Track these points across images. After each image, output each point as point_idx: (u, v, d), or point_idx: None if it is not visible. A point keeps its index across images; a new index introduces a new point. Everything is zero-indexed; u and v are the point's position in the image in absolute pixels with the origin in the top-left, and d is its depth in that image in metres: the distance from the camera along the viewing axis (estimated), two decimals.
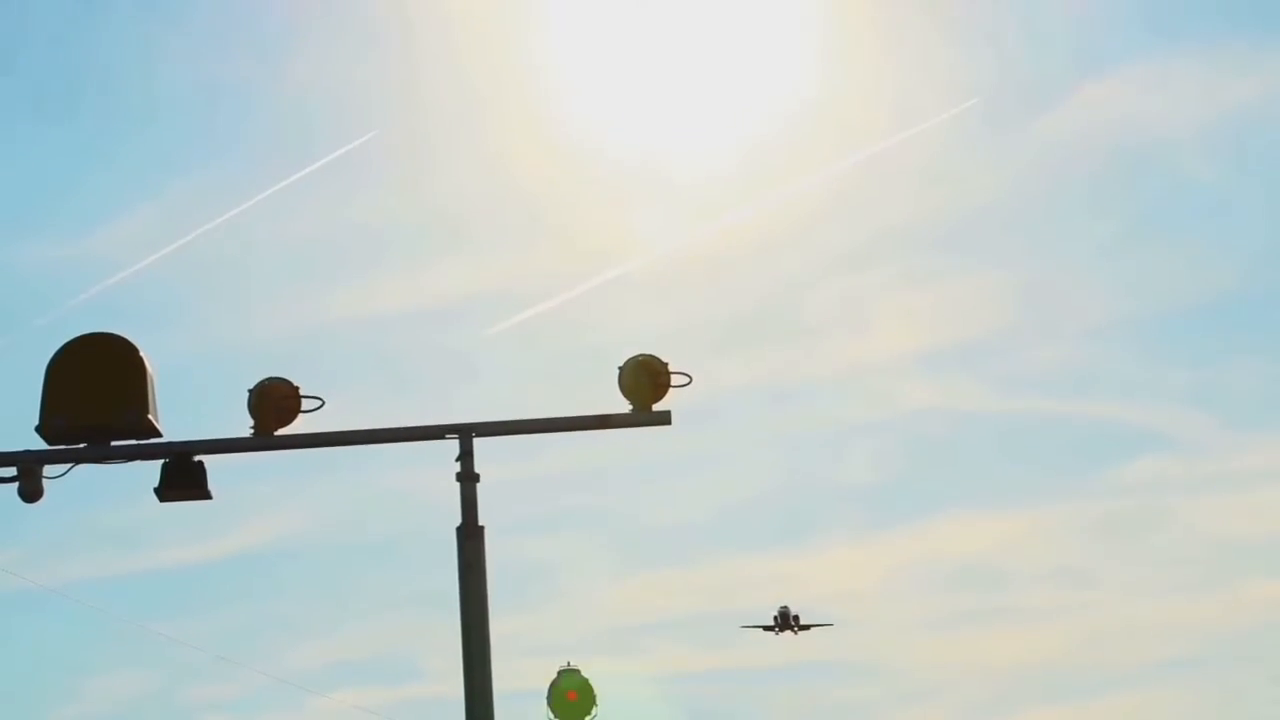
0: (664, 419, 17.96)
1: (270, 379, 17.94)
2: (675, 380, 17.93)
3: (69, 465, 17.89)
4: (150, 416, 17.81)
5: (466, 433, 17.91)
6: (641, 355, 17.96)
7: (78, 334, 18.03)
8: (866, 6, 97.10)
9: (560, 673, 26.80)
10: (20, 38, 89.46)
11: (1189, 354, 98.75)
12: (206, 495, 17.99)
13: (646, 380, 17.86)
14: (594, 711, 26.42)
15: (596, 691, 26.55)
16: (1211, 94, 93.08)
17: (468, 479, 17.82)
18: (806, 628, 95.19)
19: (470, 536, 17.67)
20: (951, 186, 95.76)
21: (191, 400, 21.01)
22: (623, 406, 17.98)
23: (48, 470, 17.84)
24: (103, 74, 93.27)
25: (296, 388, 17.91)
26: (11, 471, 17.75)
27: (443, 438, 17.98)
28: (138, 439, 17.92)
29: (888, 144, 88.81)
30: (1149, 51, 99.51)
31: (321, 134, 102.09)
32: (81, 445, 17.89)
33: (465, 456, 17.86)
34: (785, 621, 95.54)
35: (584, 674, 26.73)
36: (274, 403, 17.84)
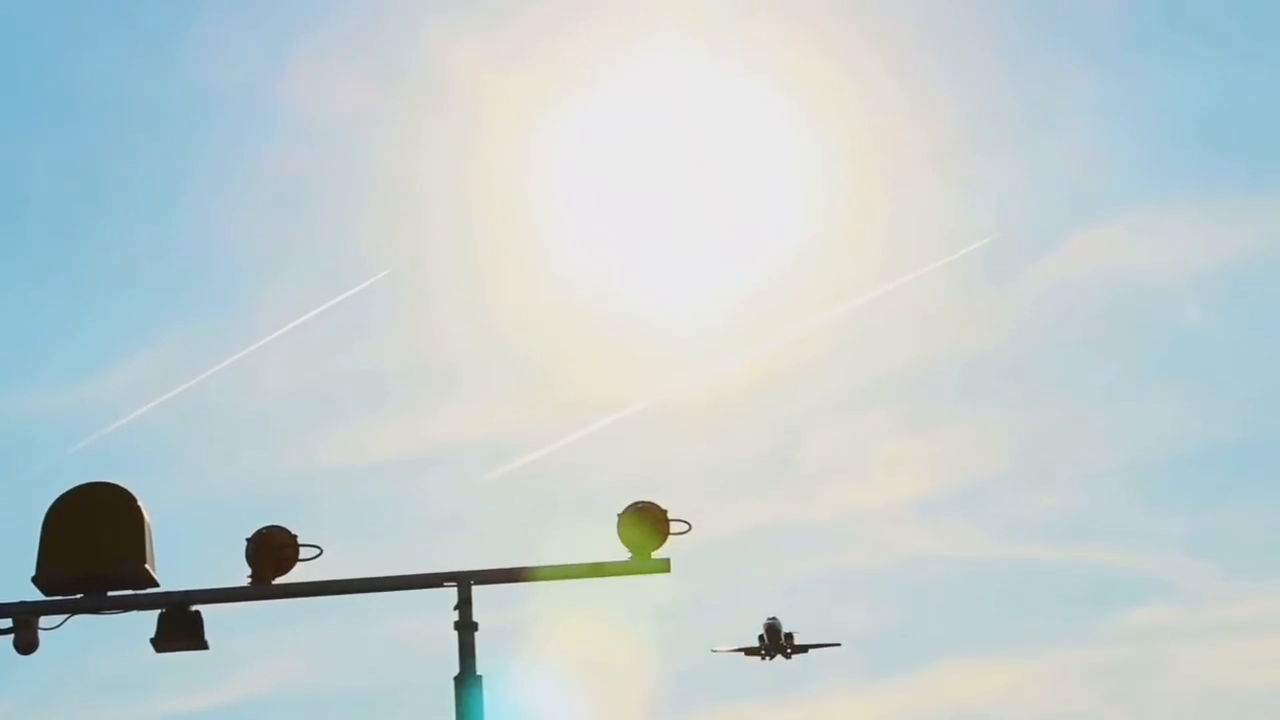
0: (664, 567, 17.88)
1: (268, 527, 17.87)
2: (675, 527, 17.86)
3: (65, 616, 17.77)
4: (147, 566, 17.72)
5: (465, 580, 17.82)
6: (641, 502, 17.90)
7: (75, 483, 17.98)
8: (865, 154, 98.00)
9: None
10: (21, 187, 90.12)
11: (1188, 501, 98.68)
12: (203, 645, 17.86)
13: (646, 528, 17.79)
14: None
15: None
16: (1206, 240, 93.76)
17: (466, 627, 17.72)
18: (803, 649, 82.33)
19: (468, 685, 17.53)
20: (950, 332, 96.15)
21: (189, 548, 20.92)
22: (622, 554, 17.91)
23: (43, 621, 17.71)
24: (100, 223, 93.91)
25: (294, 536, 17.84)
26: (7, 623, 17.63)
27: (441, 585, 17.90)
28: (135, 589, 17.82)
29: (886, 289, 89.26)
30: (1143, 199, 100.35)
31: (318, 283, 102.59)
32: (78, 596, 17.78)
33: (463, 604, 17.77)
34: (775, 641, 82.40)
35: None
36: (272, 551, 17.77)
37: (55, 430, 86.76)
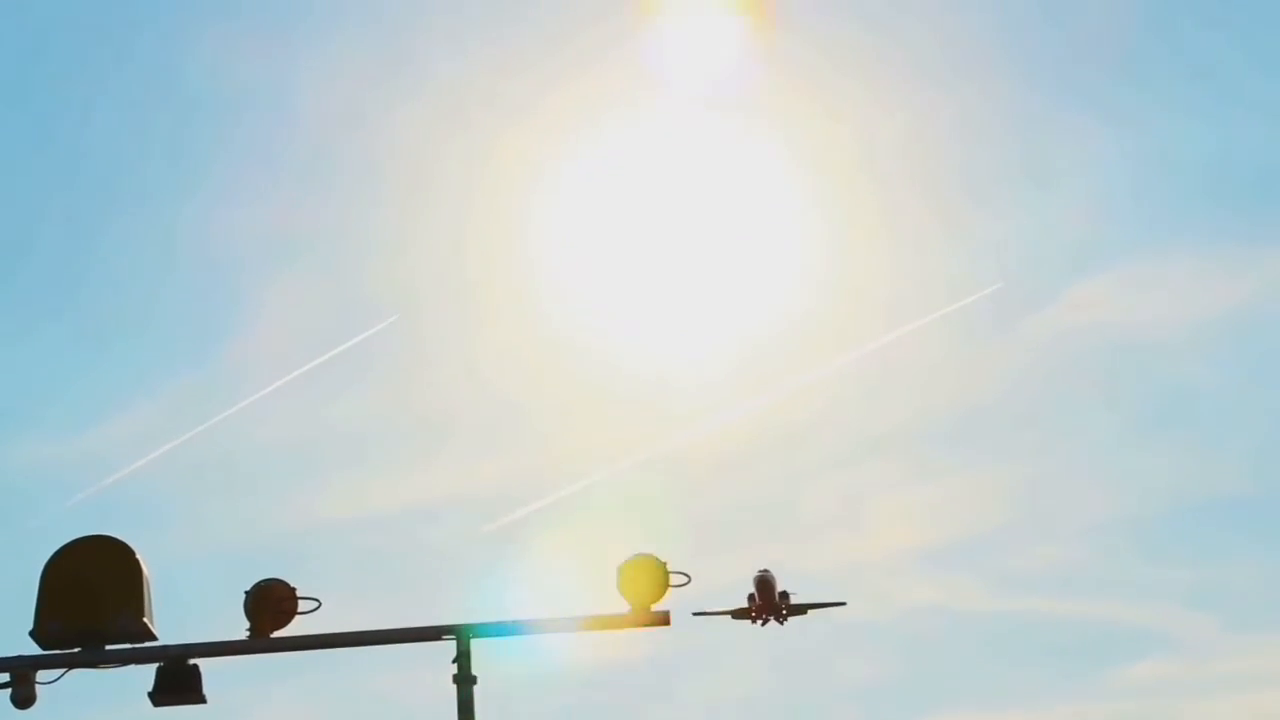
0: (663, 619, 17.83)
1: (267, 580, 17.85)
2: (675, 580, 17.83)
3: (62, 670, 17.72)
4: (146, 619, 17.68)
5: (463, 634, 17.78)
6: (640, 555, 17.87)
7: (73, 536, 17.95)
8: (865, 203, 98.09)
9: None
10: (21, 235, 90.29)
11: (1189, 554, 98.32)
12: (201, 700, 17.81)
13: (646, 580, 17.76)
14: None
15: None
16: (1208, 292, 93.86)
17: (464, 681, 17.67)
18: (801, 609, 72.54)
19: None
20: (950, 384, 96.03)
21: (187, 601, 20.88)
22: (622, 606, 17.86)
23: (41, 675, 17.66)
24: (100, 271, 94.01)
25: (294, 589, 17.81)
26: (4, 677, 17.58)
27: (439, 639, 17.85)
28: (133, 642, 17.77)
29: (885, 341, 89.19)
30: (1145, 250, 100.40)
31: (312, 335, 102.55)
32: (76, 649, 17.73)
33: (462, 657, 17.72)
34: (768, 599, 71.85)
35: None
36: (271, 604, 17.73)
37: (53, 482, 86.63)
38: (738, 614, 72.35)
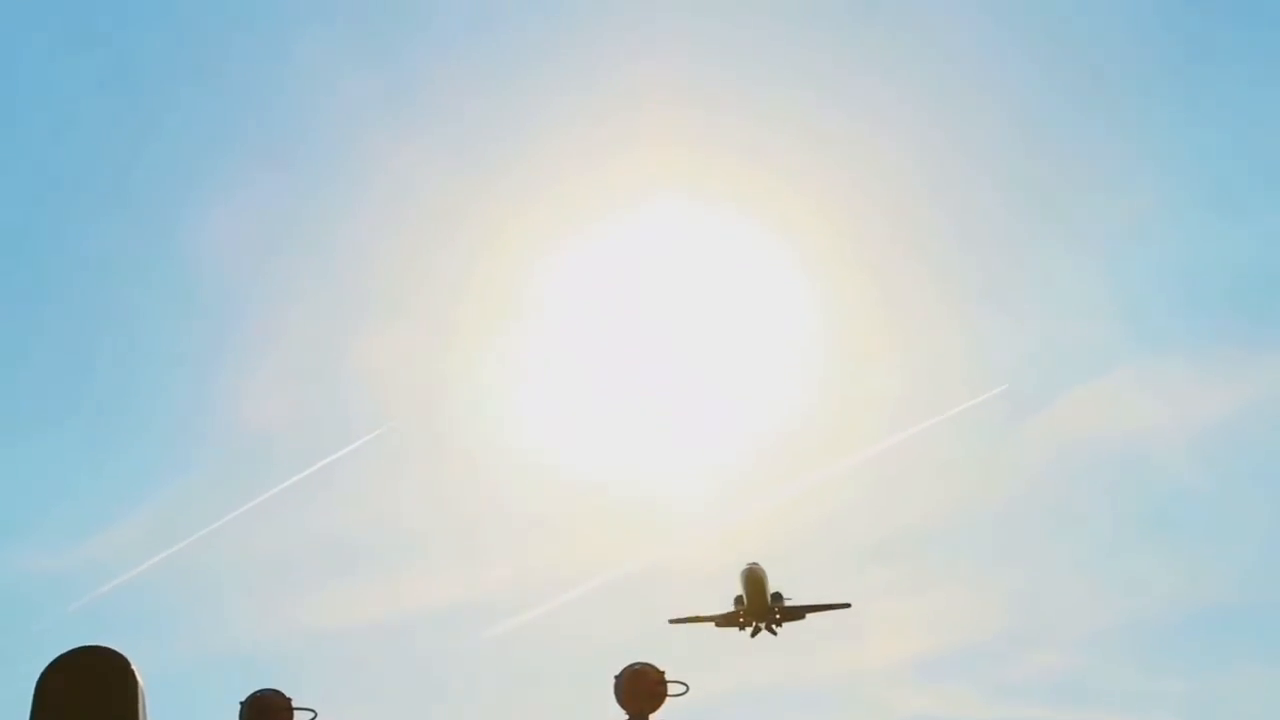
0: None
1: (262, 691, 17.69)
2: (672, 689, 17.77)
3: None
4: None
5: None
6: (638, 664, 17.82)
7: (74, 643, 17.82)
8: (869, 311, 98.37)
9: None
10: (17, 349, 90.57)
11: (1188, 663, 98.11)
12: None
13: (643, 689, 17.69)
14: None
15: None
16: (1206, 397, 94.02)
17: None
18: (798, 613, 62.56)
19: None
20: (950, 489, 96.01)
21: (182, 712, 20.77)
22: (619, 716, 17.78)
23: None
24: (96, 382, 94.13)
25: (289, 700, 17.66)
26: None
27: None
28: None
29: (883, 448, 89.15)
30: (1145, 353, 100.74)
31: (304, 446, 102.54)
32: None
33: None
34: (758, 601, 61.16)
35: None
36: (266, 715, 17.61)
37: (55, 589, 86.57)
38: (723, 621, 63.12)
